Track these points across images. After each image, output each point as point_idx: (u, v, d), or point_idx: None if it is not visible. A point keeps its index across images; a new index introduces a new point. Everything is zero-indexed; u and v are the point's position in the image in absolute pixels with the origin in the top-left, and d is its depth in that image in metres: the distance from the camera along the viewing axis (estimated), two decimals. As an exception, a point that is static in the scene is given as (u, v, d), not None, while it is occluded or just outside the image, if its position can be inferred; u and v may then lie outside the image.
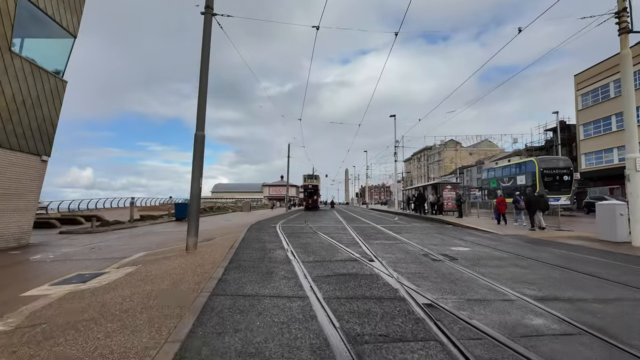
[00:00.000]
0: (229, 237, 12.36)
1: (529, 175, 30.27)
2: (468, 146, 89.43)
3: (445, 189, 25.28)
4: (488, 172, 38.61)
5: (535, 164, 29.32)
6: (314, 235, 12.77)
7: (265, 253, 8.46)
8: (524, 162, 33.01)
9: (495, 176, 36.97)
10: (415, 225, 17.60)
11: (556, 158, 30.75)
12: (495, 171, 37.69)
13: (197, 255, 8.24)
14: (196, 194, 9.13)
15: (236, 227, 17.43)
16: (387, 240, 11.29)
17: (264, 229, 15.69)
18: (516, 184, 32.34)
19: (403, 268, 6.63)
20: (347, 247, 9.51)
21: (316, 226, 16.94)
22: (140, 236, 15.11)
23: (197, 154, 9.13)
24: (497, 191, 35.18)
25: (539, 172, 28.63)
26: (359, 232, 13.62)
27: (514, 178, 33.41)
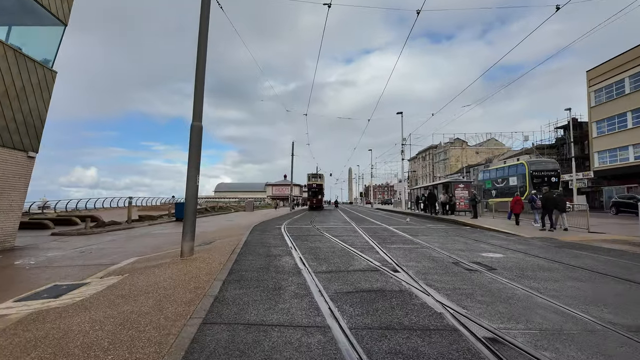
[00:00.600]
0: (230, 240, 11.31)
1: (520, 176, 31.69)
2: (474, 145, 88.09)
3: (457, 188, 24.10)
4: (483, 174, 39.86)
5: (526, 166, 30.84)
6: (322, 238, 11.69)
7: (270, 260, 7.38)
8: (515, 165, 34.24)
9: (490, 177, 37.85)
10: (430, 227, 16.47)
11: (545, 161, 32.02)
12: (490, 173, 38.51)
13: (193, 262, 7.18)
14: (192, 192, 8.07)
15: (238, 228, 16.38)
16: (405, 244, 10.18)
17: (268, 230, 14.63)
18: (509, 184, 33.41)
19: (436, 281, 5.53)
20: (362, 252, 8.42)
21: (324, 227, 15.86)
22: (135, 238, 14.09)
23: (193, 147, 8.07)
24: (492, 191, 36.20)
25: (528, 174, 30.08)
26: (371, 235, 12.52)
27: (506, 179, 34.34)
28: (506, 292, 4.95)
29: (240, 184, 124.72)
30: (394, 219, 22.76)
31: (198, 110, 8.24)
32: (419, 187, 33.24)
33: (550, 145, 49.80)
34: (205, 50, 8.55)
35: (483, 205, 26.58)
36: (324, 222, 20.00)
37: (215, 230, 16.17)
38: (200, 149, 8.23)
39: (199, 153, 8.18)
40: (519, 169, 32.25)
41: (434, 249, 9.20)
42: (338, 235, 12.26)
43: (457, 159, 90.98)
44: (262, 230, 14.68)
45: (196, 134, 8.12)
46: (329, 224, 18.65)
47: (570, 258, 7.89)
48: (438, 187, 26.73)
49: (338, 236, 12.07)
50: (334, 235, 12.45)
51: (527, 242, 11.06)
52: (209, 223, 21.50)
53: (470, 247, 9.69)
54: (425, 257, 7.82)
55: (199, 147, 8.21)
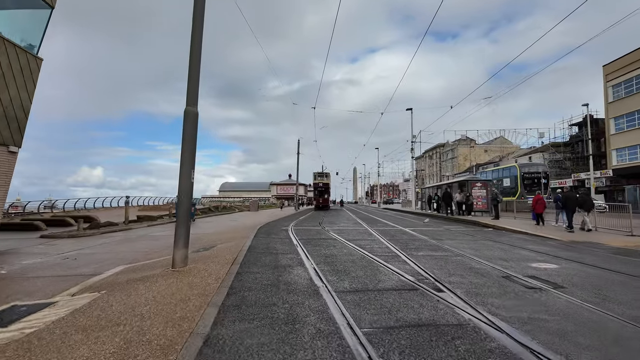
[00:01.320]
0: (232, 244, 10.04)
1: (513, 178, 33.36)
2: (482, 143, 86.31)
3: (474, 186, 22.67)
4: (481, 175, 41.65)
5: (517, 168, 32.86)
6: (336, 242, 10.39)
7: (279, 273, 6.08)
8: (508, 167, 36.69)
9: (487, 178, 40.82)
10: (450, 229, 15.10)
11: (535, 164, 34.67)
12: (487, 174, 40.12)
13: (185, 276, 5.90)
14: (186, 191, 6.80)
15: (242, 229, 15.12)
16: (433, 250, 8.84)
17: (274, 232, 13.35)
18: (502, 185, 35.21)
19: (499, 307, 4.20)
20: (387, 262, 7.10)
21: (334, 229, 14.55)
22: (130, 241, 12.87)
23: (187, 137, 6.79)
24: None
25: (520, 176, 31.98)
26: (389, 238, 11.19)
27: (501, 180, 36.16)
28: (605, 325, 3.61)
29: (245, 183, 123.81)
30: (407, 220, 21.39)
31: (193, 93, 6.97)
32: (431, 186, 31.81)
33: (565, 143, 48.07)
34: (201, 23, 7.27)
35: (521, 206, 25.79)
36: (333, 223, 18.69)
37: (217, 232, 14.92)
38: (195, 140, 6.96)
39: (193, 145, 6.91)
40: (512, 171, 33.90)
41: (469, 257, 7.85)
42: (352, 239, 10.95)
43: (466, 157, 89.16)
44: (268, 232, 13.40)
45: (191, 122, 6.85)
46: (339, 225, 17.33)
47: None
48: (453, 186, 25.30)
49: (352, 240, 10.75)
50: (347, 239, 11.14)
51: (572, 247, 9.67)
52: (211, 224, 20.28)
53: (510, 254, 8.33)
54: (465, 269, 6.48)
55: (194, 137, 6.93)
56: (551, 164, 50.87)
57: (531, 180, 31.45)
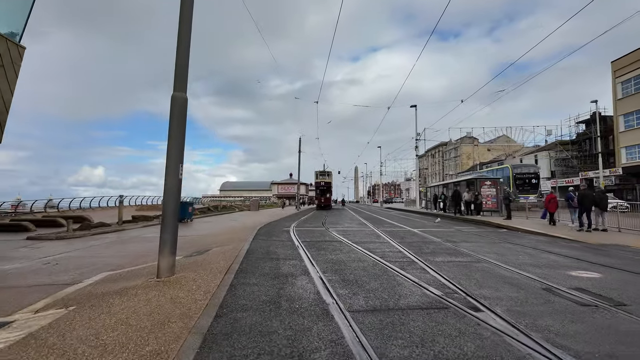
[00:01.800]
0: (229, 247, 9.17)
1: (505, 178, 33.80)
2: (486, 142, 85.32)
3: (484, 185, 21.76)
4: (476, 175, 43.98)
5: (510, 169, 34.04)
6: (342, 245, 9.51)
7: (280, 285, 5.19)
8: (501, 168, 37.34)
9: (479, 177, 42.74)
10: (462, 230, 14.20)
11: (526, 165, 35.60)
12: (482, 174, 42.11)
13: (170, 288, 5.02)
14: (173, 188, 5.92)
15: (242, 230, 14.26)
16: (452, 255, 7.94)
17: (275, 234, 12.48)
18: None
19: (562, 335, 3.30)
20: (403, 270, 6.21)
21: (339, 230, 13.66)
22: (121, 243, 12.01)
23: (174, 126, 5.91)
24: None
25: (512, 176, 32.82)
26: (399, 241, 10.31)
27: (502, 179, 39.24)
28: None
29: (246, 182, 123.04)
30: (413, 220, 20.49)
31: (181, 76, 6.08)
32: (437, 185, 30.88)
33: (572, 140, 47.02)
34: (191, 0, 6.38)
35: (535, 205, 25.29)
36: (337, 223, 17.80)
37: (214, 233, 14.04)
38: (184, 131, 6.07)
39: (182, 136, 6.02)
40: (505, 172, 34.84)
41: (494, 262, 6.96)
42: (360, 242, 10.06)
43: (469, 156, 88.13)
44: (268, 233, 12.52)
45: (178, 110, 5.96)
46: (343, 225, 16.45)
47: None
48: (461, 185, 24.39)
49: (360, 243, 9.87)
50: (354, 241, 10.25)
51: (601, 250, 8.77)
52: (209, 224, 19.41)
53: (539, 259, 7.43)
54: (496, 279, 5.59)
55: (183, 128, 6.05)
56: (557, 162, 49.87)
57: (523, 181, 32.57)
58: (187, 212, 21.01)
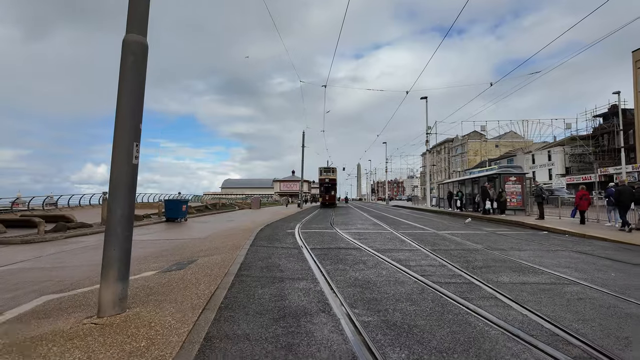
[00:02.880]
0: (219, 258, 7.18)
1: None
2: (493, 138, 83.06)
3: (508, 180, 19.67)
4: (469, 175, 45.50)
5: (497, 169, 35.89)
6: (362, 254, 7.49)
7: (288, 339, 3.16)
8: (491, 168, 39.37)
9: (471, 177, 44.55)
10: (497, 232, 12.16)
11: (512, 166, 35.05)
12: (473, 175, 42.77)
13: (106, 347, 3.01)
14: (124, 178, 3.89)
15: (239, 232, 12.27)
16: (519, 273, 5.90)
17: (277, 237, 10.48)
18: None
19: None
20: (467, 300, 4.20)
21: (352, 233, 11.65)
22: (94, 249, 10.02)
23: (128, 87, 3.88)
24: None
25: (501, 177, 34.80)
26: (431, 248, 8.29)
27: None
28: None
29: (248, 180, 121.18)
30: (431, 220, 18.43)
31: (139, 13, 4.04)
32: (452, 182, 28.76)
33: (588, 135, 44.68)
34: None
35: None
36: (347, 224, 15.78)
37: (207, 236, 12.04)
38: (142, 94, 4.04)
39: (138, 102, 3.99)
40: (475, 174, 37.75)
41: (586, 285, 4.92)
42: (384, 250, 8.04)
43: (476, 152, 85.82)
44: (270, 237, 10.52)
45: (135, 62, 3.92)
46: (355, 226, 14.43)
47: None
48: (480, 180, 22.30)
49: (384, 251, 7.85)
50: (376, 248, 8.23)
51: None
52: (204, 225, 17.43)
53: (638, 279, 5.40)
54: (624, 319, 3.57)
55: (140, 89, 4.01)
56: (572, 158, 47.65)
57: None
58: (181, 211, 19.06)
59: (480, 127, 34.94)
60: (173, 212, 18.95)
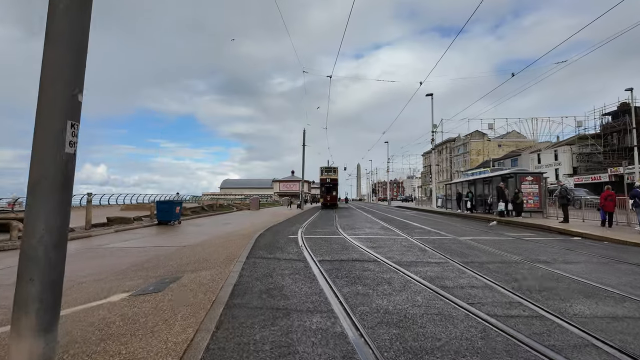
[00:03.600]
0: (208, 275, 5.86)
1: None
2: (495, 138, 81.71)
3: (524, 181, 18.37)
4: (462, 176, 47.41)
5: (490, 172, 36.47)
6: (382, 269, 6.18)
7: None
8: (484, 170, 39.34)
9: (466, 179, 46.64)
10: (525, 239, 10.86)
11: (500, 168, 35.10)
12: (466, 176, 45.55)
13: None
14: (54, 171, 2.55)
15: (236, 239, 10.97)
16: (597, 300, 4.59)
17: (278, 245, 9.16)
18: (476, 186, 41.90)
19: None
20: (559, 352, 2.89)
21: (361, 239, 10.34)
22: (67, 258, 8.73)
23: (57, 23, 2.58)
24: None
25: None
26: (461, 260, 6.99)
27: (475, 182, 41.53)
28: None
29: (247, 180, 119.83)
30: (443, 223, 17.13)
31: None
32: (460, 182, 27.45)
33: (597, 134, 43.37)
34: None
35: None
36: (354, 227, 14.47)
37: (199, 242, 10.71)
38: (85, 37, 2.73)
39: (80, 50, 2.68)
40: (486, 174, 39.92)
41: None
42: (408, 264, 6.73)
43: (479, 152, 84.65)
44: (270, 245, 9.20)
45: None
46: (363, 230, 13.12)
47: None
48: (492, 181, 21.00)
49: (409, 265, 6.53)
50: (396, 261, 6.92)
51: None
52: (198, 228, 16.10)
53: None
54: None
55: (84, 28, 2.70)
56: (580, 157, 46.37)
57: None
58: (174, 213, 17.71)
59: (487, 125, 33.62)
60: (165, 215, 17.61)
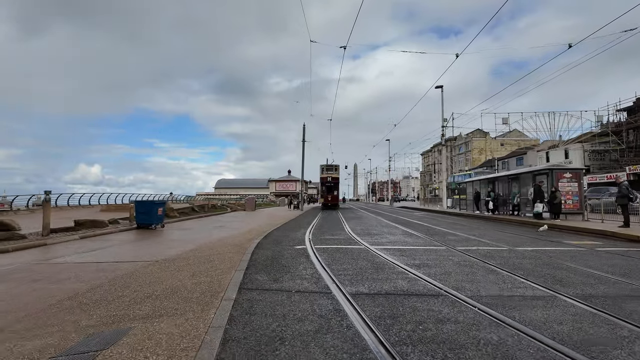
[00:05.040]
0: (169, 331, 3.30)
1: None
2: (497, 136, 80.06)
3: (562, 178, 15.95)
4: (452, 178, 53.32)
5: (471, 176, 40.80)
6: (463, 315, 3.68)
7: None
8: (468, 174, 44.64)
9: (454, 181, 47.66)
10: (595, 248, 8.41)
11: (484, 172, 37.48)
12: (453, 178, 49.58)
13: None
14: None
15: (225, 251, 8.42)
16: None
17: (284, 263, 6.63)
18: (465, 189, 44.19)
19: None
20: None
21: (390, 251, 7.84)
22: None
23: None
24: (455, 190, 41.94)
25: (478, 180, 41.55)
26: (573, 292, 4.51)
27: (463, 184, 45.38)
28: None
29: (242, 180, 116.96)
30: (471, 226, 14.66)
31: None
32: (477, 180, 24.97)
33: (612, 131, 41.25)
34: None
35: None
36: (371, 234, 11.95)
37: (176, 257, 8.10)
38: None
39: None
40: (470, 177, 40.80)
41: None
42: (494, 301, 4.23)
43: (481, 151, 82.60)
44: (272, 263, 6.65)
45: None
46: (385, 237, 10.61)
47: None
48: (520, 178, 18.55)
49: (499, 305, 4.04)
50: (477, 297, 4.41)
51: None
52: (184, 234, 13.48)
53: None
54: None
55: None
56: (593, 155, 44.28)
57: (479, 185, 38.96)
58: (156, 215, 15.08)
59: (502, 120, 31.36)
60: (145, 217, 14.97)
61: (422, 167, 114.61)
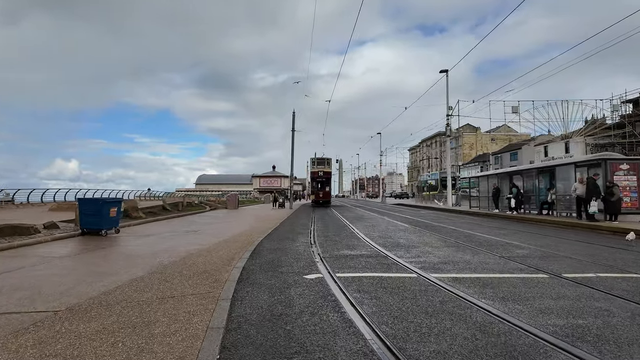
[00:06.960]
0: None
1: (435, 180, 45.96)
2: (487, 131, 78.75)
3: (618, 170, 13.07)
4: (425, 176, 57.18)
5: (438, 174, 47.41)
6: None
7: None
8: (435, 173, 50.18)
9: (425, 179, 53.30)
10: None
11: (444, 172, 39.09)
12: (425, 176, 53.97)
13: None
14: None
15: (186, 291, 5.00)
16: None
17: (290, 319, 3.29)
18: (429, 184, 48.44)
19: None
20: None
21: (463, 283, 4.61)
22: None
23: None
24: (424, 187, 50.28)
25: (439, 179, 43.24)
26: None
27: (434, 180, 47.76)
28: None
29: (225, 175, 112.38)
30: (509, 228, 11.60)
31: None
32: (494, 174, 22.01)
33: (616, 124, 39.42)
34: None
35: None
36: (396, 243, 8.68)
37: (98, 300, 4.64)
38: None
39: None
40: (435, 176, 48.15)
41: None
42: None
43: (471, 146, 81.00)
44: (275, 337, 3.30)
45: None
46: (426, 251, 7.36)
47: None
48: (555, 171, 15.63)
49: None
50: None
51: None
52: (141, 244, 9.88)
53: None
54: None
55: None
56: (594, 149, 42.45)
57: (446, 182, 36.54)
58: (107, 217, 11.38)
59: (511, 108, 28.84)
60: (93, 219, 11.26)
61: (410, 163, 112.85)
